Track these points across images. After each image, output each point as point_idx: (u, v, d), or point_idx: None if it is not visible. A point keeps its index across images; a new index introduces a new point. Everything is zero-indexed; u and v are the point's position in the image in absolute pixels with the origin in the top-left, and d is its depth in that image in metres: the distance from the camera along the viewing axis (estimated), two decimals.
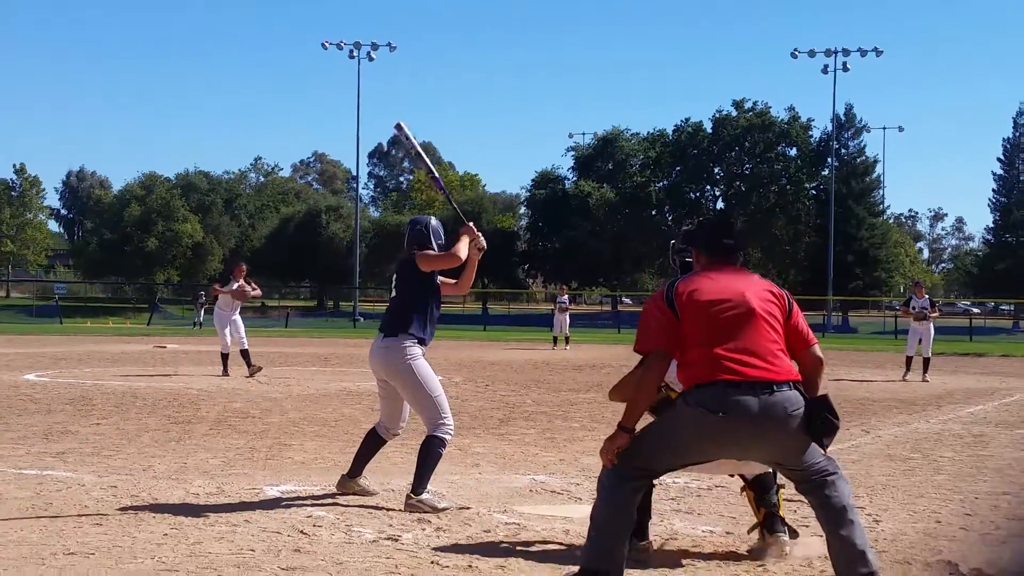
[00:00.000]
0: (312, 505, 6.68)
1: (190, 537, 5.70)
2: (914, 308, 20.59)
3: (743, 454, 4.86)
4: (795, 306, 4.95)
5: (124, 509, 6.43)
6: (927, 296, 20.88)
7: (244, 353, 17.66)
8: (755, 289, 4.88)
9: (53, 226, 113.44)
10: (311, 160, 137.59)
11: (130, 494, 6.91)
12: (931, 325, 20.36)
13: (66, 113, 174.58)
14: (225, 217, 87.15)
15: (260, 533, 5.83)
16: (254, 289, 18.17)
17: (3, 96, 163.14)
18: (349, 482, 7.06)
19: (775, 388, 4.62)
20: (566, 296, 32.73)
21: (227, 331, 17.67)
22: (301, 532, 5.87)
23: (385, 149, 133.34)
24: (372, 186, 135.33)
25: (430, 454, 6.69)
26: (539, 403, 14.15)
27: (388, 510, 6.59)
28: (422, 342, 6.88)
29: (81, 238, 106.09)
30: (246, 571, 4.98)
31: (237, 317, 17.92)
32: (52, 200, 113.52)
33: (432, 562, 5.25)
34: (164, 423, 10.98)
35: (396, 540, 5.73)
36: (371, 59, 66.37)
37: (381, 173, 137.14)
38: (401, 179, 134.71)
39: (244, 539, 5.68)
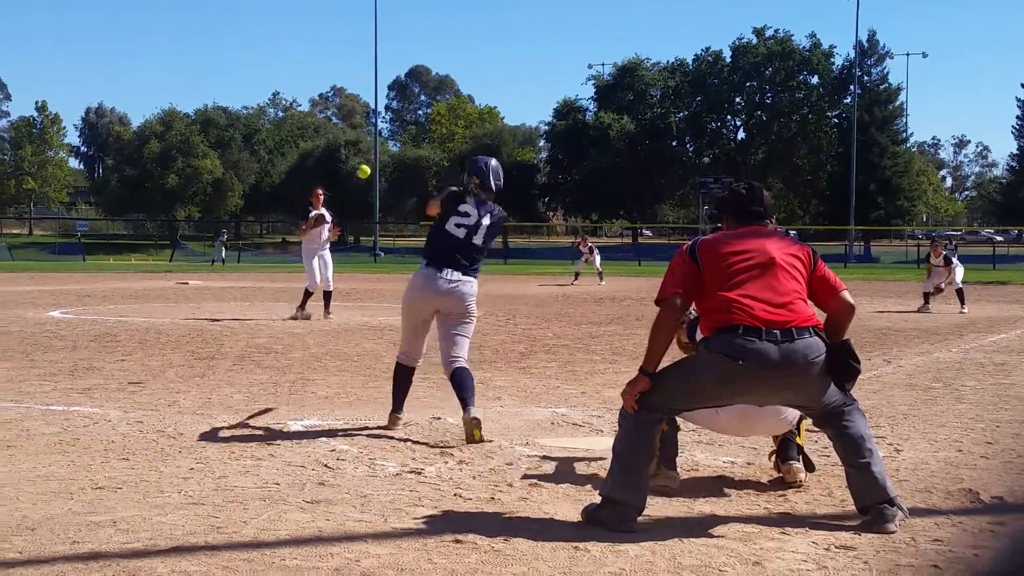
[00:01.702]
0: (335, 439, 6.73)
1: (215, 471, 5.76)
2: (935, 267, 20.40)
3: (762, 400, 4.92)
4: (820, 259, 5.04)
5: (150, 444, 6.50)
6: (944, 254, 20.73)
7: (327, 295, 16.33)
8: (778, 243, 5.00)
9: (74, 163, 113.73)
10: (329, 94, 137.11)
11: (156, 429, 6.98)
12: (955, 274, 20.15)
13: (85, 49, 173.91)
14: (244, 153, 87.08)
15: (284, 467, 5.89)
16: (335, 225, 16.44)
17: (23, 33, 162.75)
18: (397, 416, 7.19)
19: (795, 335, 4.69)
20: (588, 245, 32.26)
21: (315, 266, 16.11)
22: (325, 466, 5.93)
23: (403, 82, 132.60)
24: (390, 119, 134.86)
25: (470, 380, 7.01)
26: (560, 336, 14.19)
27: (411, 443, 6.64)
28: None
29: (102, 175, 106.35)
30: (271, 504, 5.03)
31: (327, 252, 16.34)
32: (72, 137, 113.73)
33: (455, 494, 5.29)
34: (188, 359, 11.06)
35: (419, 473, 5.78)
36: None
37: (398, 106, 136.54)
38: (419, 112, 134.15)
39: (269, 473, 5.74)
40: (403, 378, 7.33)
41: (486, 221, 7.18)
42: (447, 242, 7.05)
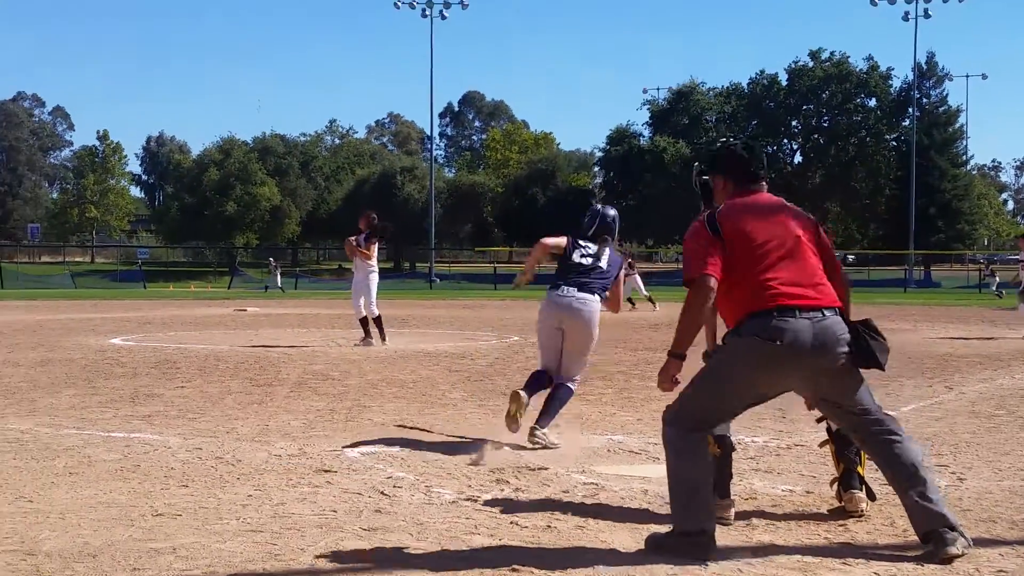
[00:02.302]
0: (392, 466, 6.74)
1: (273, 498, 5.79)
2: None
3: (797, 385, 4.83)
4: (820, 228, 4.98)
5: (209, 471, 6.56)
6: None
7: (376, 320, 16.21)
8: (794, 216, 4.91)
9: (135, 192, 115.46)
10: (385, 121, 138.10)
11: (214, 456, 7.04)
12: None
13: (146, 79, 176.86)
14: (302, 180, 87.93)
15: (341, 494, 5.91)
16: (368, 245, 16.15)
17: (85, 63, 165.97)
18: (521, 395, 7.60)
19: (824, 314, 4.66)
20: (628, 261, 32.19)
21: (373, 291, 16.05)
22: (382, 493, 5.94)
23: (456, 109, 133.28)
24: (445, 146, 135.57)
25: (562, 398, 7.64)
26: (616, 362, 14.13)
27: (468, 470, 6.63)
28: None
29: (162, 203, 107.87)
30: (329, 532, 5.05)
31: (367, 277, 16.15)
32: (134, 166, 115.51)
33: (511, 522, 5.27)
34: (246, 386, 11.15)
35: (475, 500, 5.77)
36: (443, 17, 66.40)
37: (453, 133, 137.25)
38: (474, 138, 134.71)
39: (326, 500, 5.76)
40: (540, 376, 7.89)
41: (607, 251, 7.96)
42: (568, 264, 7.85)
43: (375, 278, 16.24)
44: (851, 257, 77.45)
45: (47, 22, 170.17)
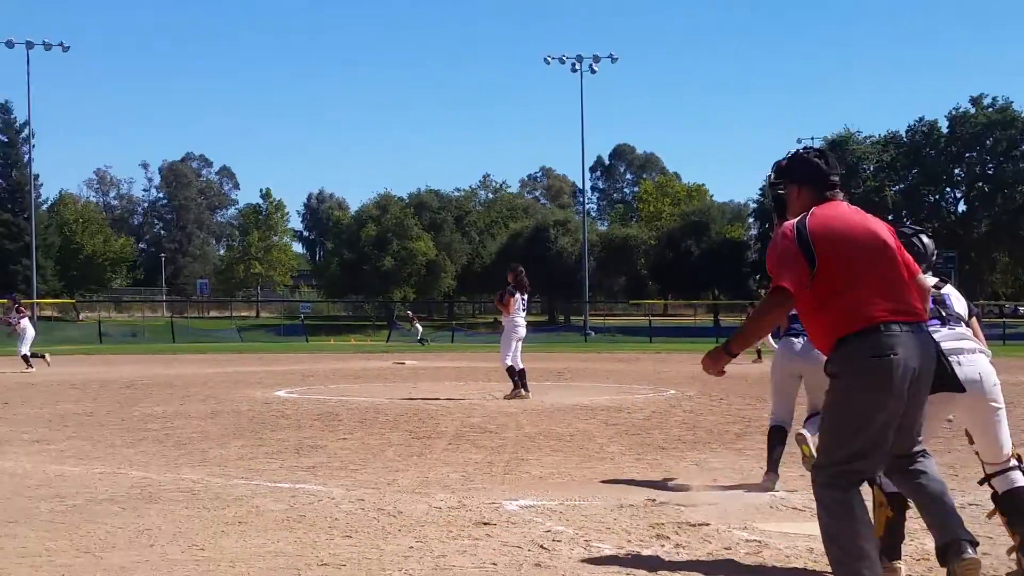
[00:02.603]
0: (551, 519, 6.74)
1: (435, 550, 5.85)
2: None
3: (905, 406, 4.50)
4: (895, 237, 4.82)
5: (371, 522, 6.66)
6: None
7: (518, 372, 16.27)
8: (879, 225, 4.73)
9: (297, 247, 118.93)
10: (538, 175, 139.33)
11: (376, 507, 7.15)
12: None
13: (305, 138, 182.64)
14: (456, 234, 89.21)
15: (501, 547, 5.93)
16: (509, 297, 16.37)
17: (249, 125, 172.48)
18: (775, 477, 7.98)
19: (922, 327, 4.61)
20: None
21: (515, 344, 16.23)
22: (541, 547, 5.94)
23: (606, 162, 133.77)
24: (597, 198, 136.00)
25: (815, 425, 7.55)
26: None
27: (627, 525, 6.58)
28: None
29: (323, 258, 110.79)
30: None
31: (508, 330, 16.39)
32: (295, 223, 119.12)
33: None
34: (406, 438, 11.32)
35: (635, 556, 5.72)
36: (593, 71, 66.78)
37: (604, 186, 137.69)
38: (625, 191, 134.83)
39: (486, 552, 5.79)
40: (776, 437, 8.12)
41: None
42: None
43: (512, 331, 16.40)
44: (1022, 309, 74.54)
45: (212, 83, 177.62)
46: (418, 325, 56.09)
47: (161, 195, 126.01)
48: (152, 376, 23.11)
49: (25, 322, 27.01)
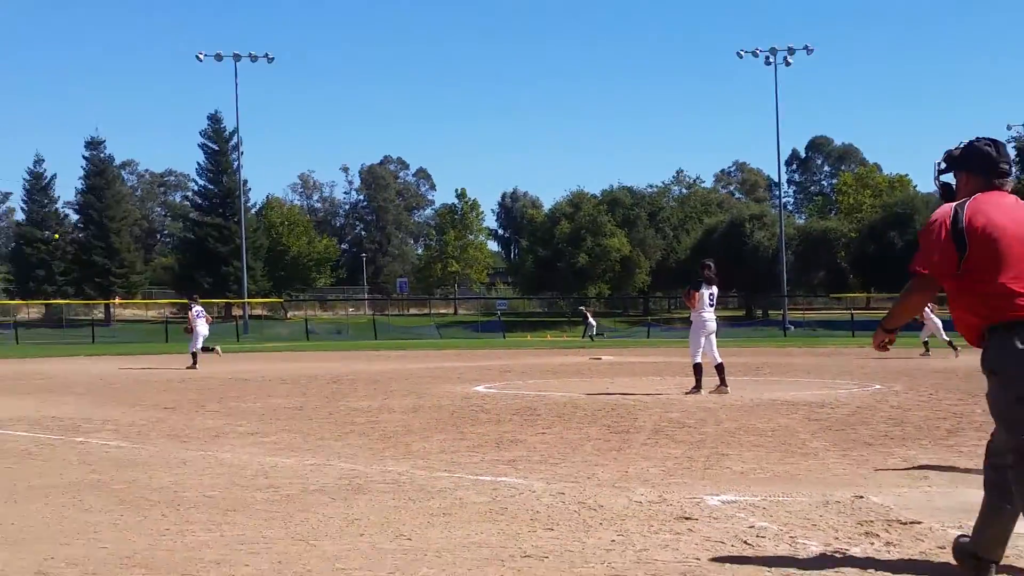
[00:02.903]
0: (753, 515, 6.63)
1: (636, 544, 5.83)
2: None
3: None
4: None
5: (572, 515, 6.70)
6: None
7: (716, 366, 16.20)
8: None
9: (492, 246, 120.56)
10: (731, 170, 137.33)
11: (577, 500, 7.18)
12: None
13: (499, 137, 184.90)
14: (650, 230, 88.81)
15: (703, 542, 5.87)
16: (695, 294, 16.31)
17: (443, 128, 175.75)
18: None
19: None
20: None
21: (702, 340, 16.19)
22: (744, 542, 5.85)
23: (801, 155, 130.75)
24: (793, 192, 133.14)
25: None
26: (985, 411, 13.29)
27: (834, 521, 6.42)
28: None
29: (517, 256, 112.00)
30: None
31: (696, 325, 16.32)
32: (490, 221, 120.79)
33: None
34: (604, 432, 11.33)
35: (844, 554, 5.58)
36: (788, 64, 65.49)
37: (800, 179, 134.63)
38: (823, 183, 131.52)
39: (688, 547, 5.74)
40: None
41: None
42: None
43: (699, 327, 16.27)
44: None
45: (409, 88, 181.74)
46: (592, 320, 56.48)
47: (361, 197, 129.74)
48: (356, 372, 23.83)
49: (200, 322, 27.66)
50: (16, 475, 8.69)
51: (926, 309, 28.38)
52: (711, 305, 16.36)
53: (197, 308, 27.90)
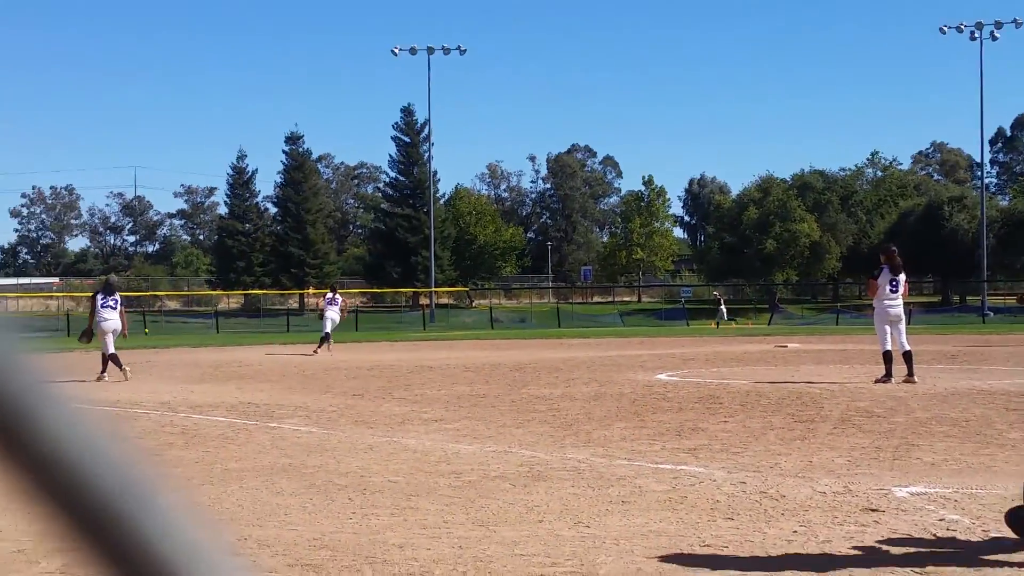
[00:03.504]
0: (944, 508, 6.40)
1: (819, 535, 5.71)
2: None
3: None
4: None
5: (753, 505, 6.60)
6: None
7: (904, 354, 15.57)
8: None
9: (678, 233, 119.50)
10: (930, 151, 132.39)
11: (758, 490, 7.07)
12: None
13: (687, 124, 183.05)
14: (842, 215, 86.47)
15: (891, 535, 5.70)
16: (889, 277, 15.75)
17: (632, 112, 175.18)
18: None
19: None
20: None
21: (887, 329, 15.68)
22: (934, 535, 5.66)
23: (1007, 134, 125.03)
24: (996, 173, 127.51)
25: None
26: None
27: None
28: None
29: (703, 243, 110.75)
30: (877, 572, 4.89)
31: (880, 312, 15.85)
32: (676, 208, 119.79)
33: None
34: (788, 421, 11.11)
35: None
36: (994, 39, 62.76)
37: (1005, 158, 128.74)
38: None
39: (874, 539, 5.58)
40: None
41: None
42: None
43: (882, 314, 15.80)
44: None
45: (596, 76, 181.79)
46: (723, 308, 56.32)
47: (548, 186, 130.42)
48: (539, 360, 24.00)
49: (331, 309, 29.20)
50: (214, 458, 9.09)
51: None
52: (894, 292, 15.81)
53: (330, 295, 29.90)
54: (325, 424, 11.59)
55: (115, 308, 19.66)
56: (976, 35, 62.60)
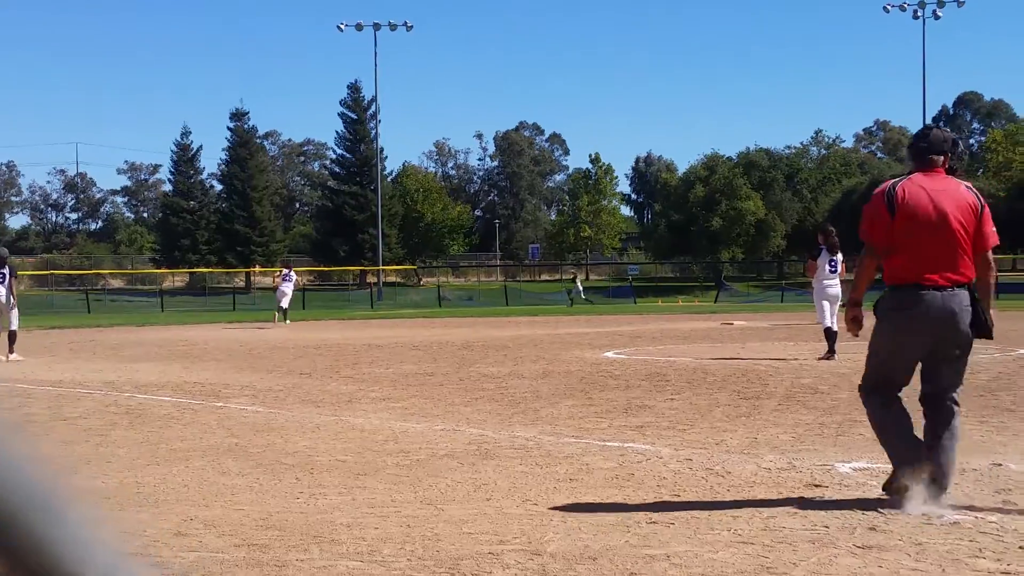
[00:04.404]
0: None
1: (764, 511, 5.77)
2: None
3: (925, 344, 5.95)
4: (986, 211, 5.99)
5: (699, 481, 6.66)
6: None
7: (825, 332, 16.10)
8: (956, 202, 5.90)
9: (625, 210, 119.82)
10: (873, 129, 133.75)
11: (704, 467, 7.14)
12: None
13: (632, 103, 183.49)
14: (787, 193, 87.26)
15: (833, 510, 5.78)
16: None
17: (577, 90, 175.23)
18: None
19: (956, 291, 5.84)
20: None
21: (824, 306, 16.02)
22: (876, 510, 5.74)
23: (950, 112, 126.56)
24: None
25: None
26: None
27: (968, 490, 6.26)
28: None
29: (650, 221, 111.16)
30: (821, 547, 4.96)
31: (819, 292, 16.20)
32: (623, 186, 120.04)
33: (1020, 547, 4.91)
34: (734, 398, 11.22)
35: (978, 521, 5.43)
36: (937, 17, 63.50)
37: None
38: (971, 141, 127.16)
39: (817, 515, 5.66)
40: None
41: None
42: None
43: (820, 293, 16.21)
44: None
45: (543, 55, 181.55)
46: (579, 284, 57.06)
47: (495, 163, 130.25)
48: (487, 338, 24.02)
49: (286, 284, 32.25)
50: (159, 438, 9.02)
51: None
52: (832, 272, 16.12)
53: (285, 271, 32.87)
54: (272, 403, 11.53)
55: (2, 282, 19.01)
56: (919, 13, 63.36)
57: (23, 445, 0.69)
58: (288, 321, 32.68)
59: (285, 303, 32.37)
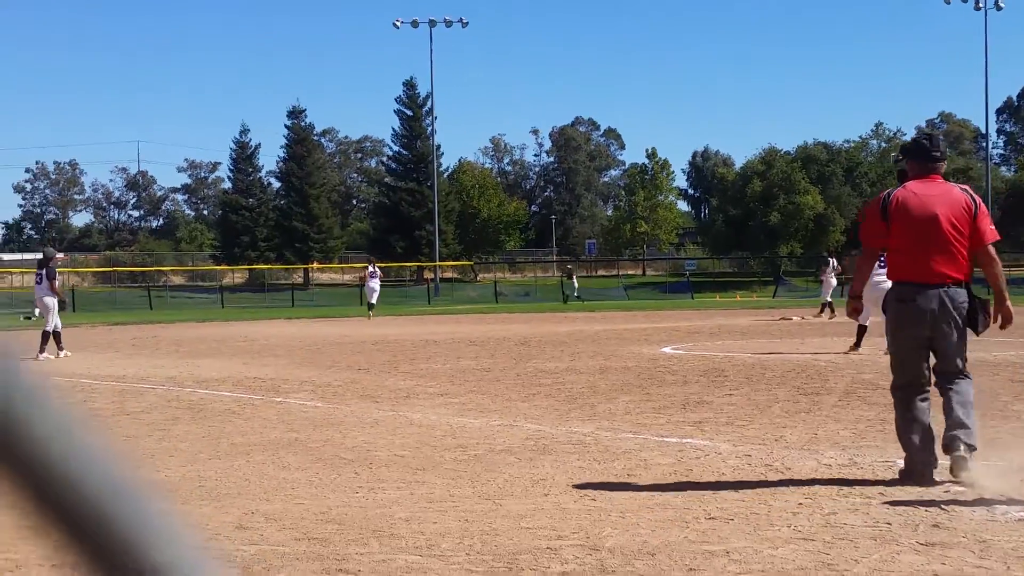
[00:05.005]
0: (950, 481, 6.41)
1: (824, 507, 5.72)
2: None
3: (926, 337, 6.49)
4: (981, 209, 6.49)
5: (759, 477, 6.61)
6: None
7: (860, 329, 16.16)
8: (948, 204, 6.42)
9: (682, 206, 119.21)
10: (936, 121, 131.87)
11: (763, 463, 7.09)
12: None
13: (690, 97, 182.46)
14: (846, 187, 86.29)
15: (895, 506, 5.71)
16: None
17: (636, 85, 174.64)
18: None
19: (949, 286, 6.40)
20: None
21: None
22: (940, 507, 5.67)
23: (1015, 103, 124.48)
24: (1003, 144, 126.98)
25: None
26: None
27: None
28: None
29: (707, 216, 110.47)
30: (883, 544, 4.90)
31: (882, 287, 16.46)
32: (680, 181, 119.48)
33: None
34: (793, 394, 11.13)
35: None
36: (999, 8, 62.51)
37: (1012, 129, 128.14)
38: None
39: (879, 512, 5.60)
40: None
41: None
42: None
43: (871, 286, 15.91)
44: None
45: (599, 51, 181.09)
46: (575, 282, 56.23)
47: (551, 159, 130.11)
48: (544, 333, 24.03)
49: (373, 280, 34.93)
50: (220, 433, 9.12)
51: None
52: (882, 267, 15.91)
53: (371, 268, 35.60)
54: (331, 398, 11.61)
55: (40, 283, 18.89)
56: (981, 4, 62.31)
57: (103, 438, 0.70)
58: (371, 314, 34.49)
59: (374, 299, 34.77)
